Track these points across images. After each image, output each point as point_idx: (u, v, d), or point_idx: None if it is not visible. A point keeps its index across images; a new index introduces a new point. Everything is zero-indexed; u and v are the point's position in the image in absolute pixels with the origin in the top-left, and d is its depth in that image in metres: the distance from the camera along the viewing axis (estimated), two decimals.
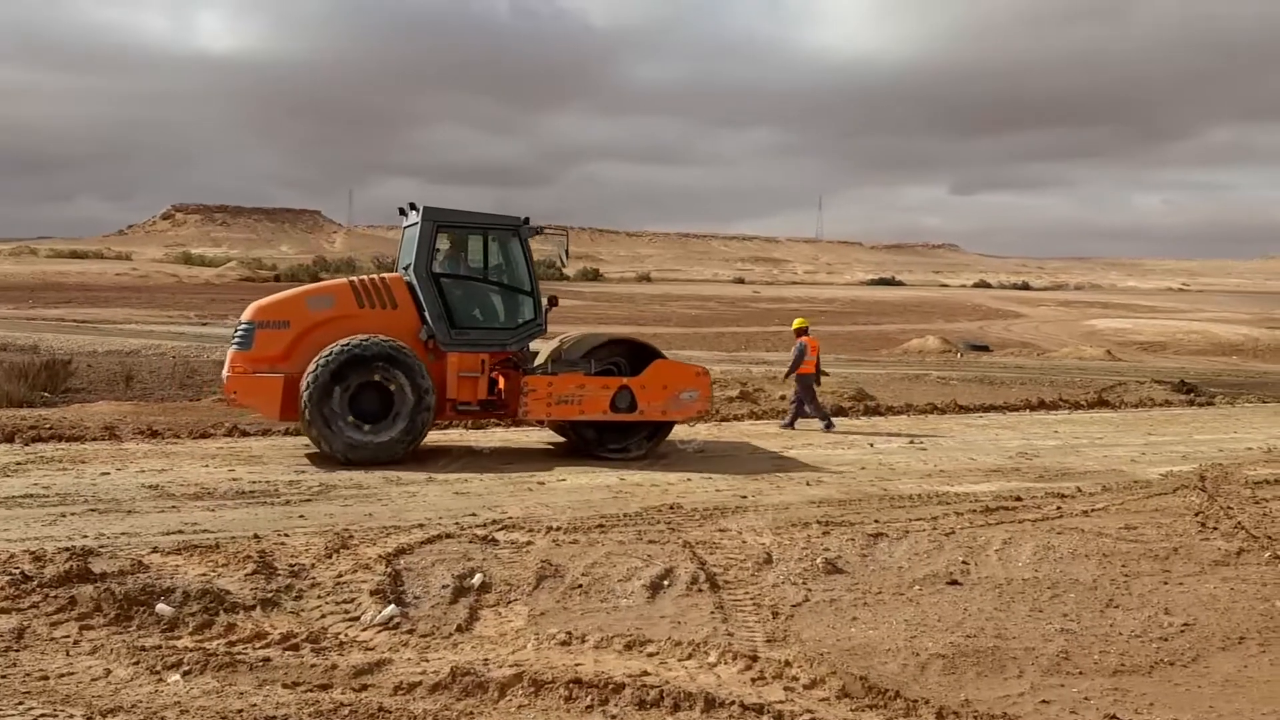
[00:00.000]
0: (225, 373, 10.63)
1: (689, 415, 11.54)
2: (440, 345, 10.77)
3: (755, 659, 5.22)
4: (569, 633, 5.56)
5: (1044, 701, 5.03)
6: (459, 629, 5.68)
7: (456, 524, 7.70)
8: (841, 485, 9.88)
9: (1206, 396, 19.03)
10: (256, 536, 7.21)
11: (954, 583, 6.81)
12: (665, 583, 6.51)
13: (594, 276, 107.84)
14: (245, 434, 11.88)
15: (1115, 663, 5.56)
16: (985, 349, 30.85)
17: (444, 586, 6.30)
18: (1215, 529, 8.29)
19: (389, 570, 6.47)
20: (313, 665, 5.04)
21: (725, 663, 5.17)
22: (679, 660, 5.22)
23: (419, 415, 10.31)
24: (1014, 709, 4.92)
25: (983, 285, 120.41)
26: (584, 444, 11.14)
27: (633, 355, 11.45)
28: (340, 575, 6.42)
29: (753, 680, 4.99)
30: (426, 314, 10.76)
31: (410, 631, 5.59)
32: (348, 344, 10.14)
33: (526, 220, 11.25)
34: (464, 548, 7.05)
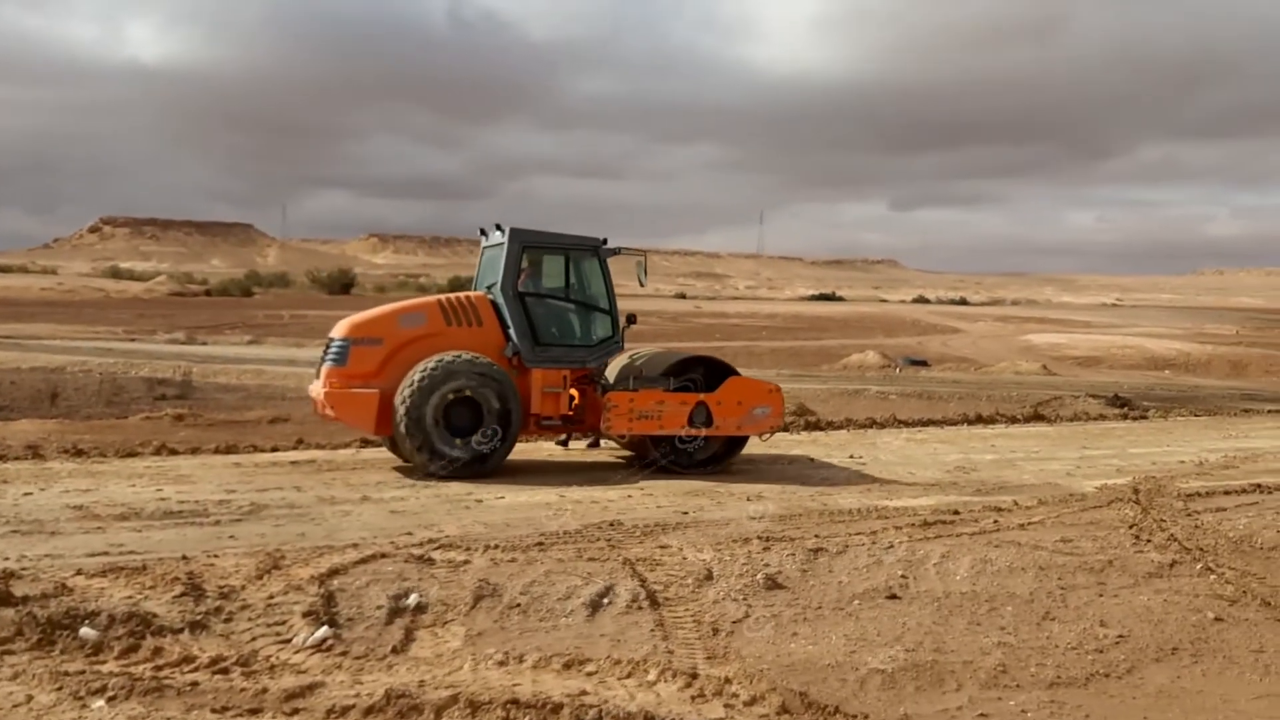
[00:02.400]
0: (320, 388, 10.86)
1: (761, 430, 11.74)
2: (525, 362, 11.14)
3: (695, 676, 5.18)
4: (507, 653, 5.48)
5: (982, 715, 5.04)
6: (394, 650, 5.58)
7: (392, 543, 7.57)
8: (782, 500, 9.88)
9: (1140, 410, 19.34)
10: (185, 558, 7.02)
11: (893, 597, 6.82)
12: (605, 601, 6.45)
13: None
14: (174, 453, 11.62)
15: (1052, 675, 5.60)
16: (924, 364, 31.16)
17: (378, 607, 6.19)
18: (1149, 541, 8.40)
19: (322, 591, 6.34)
20: (242, 689, 4.92)
21: (665, 681, 5.12)
22: (618, 679, 5.16)
23: (508, 431, 10.74)
24: None
25: (922, 301, 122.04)
26: (655, 457, 11.33)
27: (709, 372, 11.74)
28: (271, 597, 6.27)
29: (692, 698, 4.95)
30: (512, 331, 11.16)
31: (344, 653, 5.48)
32: (443, 360, 10.54)
33: (605, 241, 11.73)
34: (399, 567, 6.92)
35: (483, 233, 12.05)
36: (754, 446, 12.94)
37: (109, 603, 5.97)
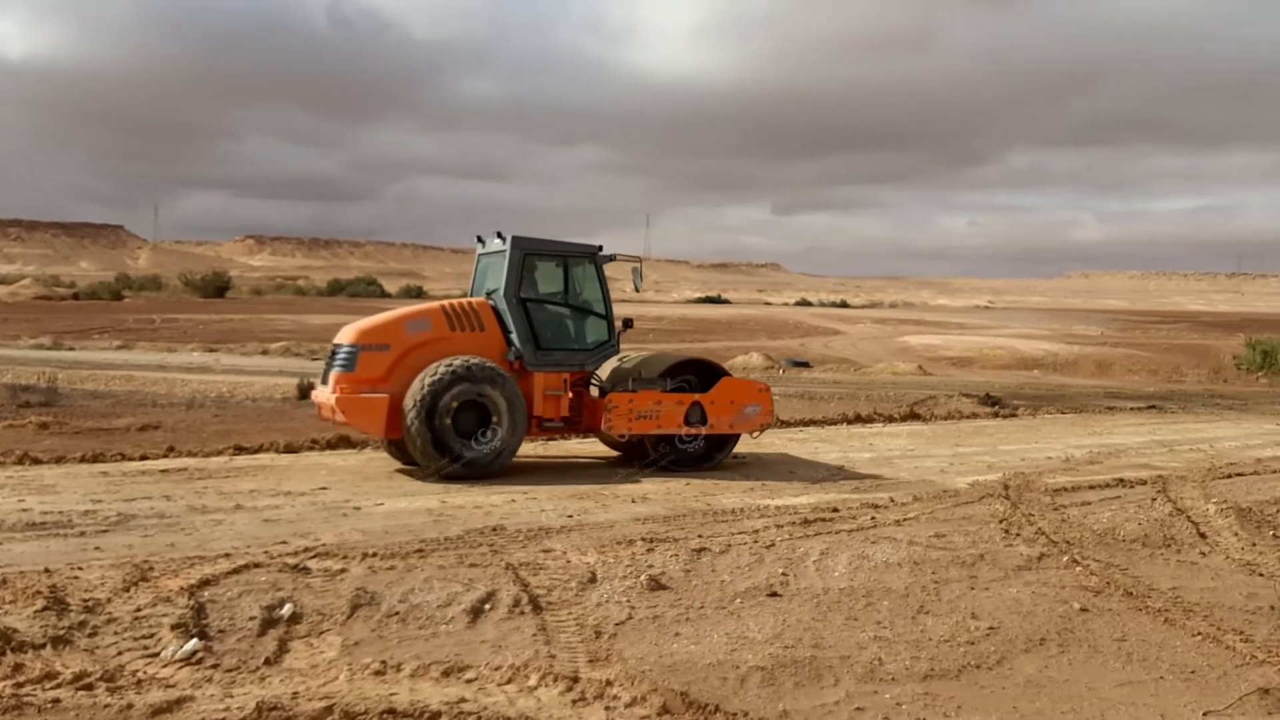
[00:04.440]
0: (329, 393, 11.01)
1: (753, 428, 12.30)
2: (526, 366, 11.53)
3: (577, 680, 5.15)
4: (384, 662, 5.38)
5: (859, 709, 5.12)
6: (267, 662, 5.43)
7: (265, 552, 7.36)
8: (667, 501, 9.93)
9: (1010, 409, 19.96)
10: (47, 570, 6.72)
11: (774, 594, 6.90)
12: (487, 607, 6.38)
13: (417, 294, 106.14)
14: (37, 462, 11.12)
15: (926, 668, 5.72)
16: (806, 365, 31.68)
17: (251, 618, 6.01)
18: (1018, 535, 8.66)
19: (192, 603, 6.13)
20: (107, 705, 4.74)
21: (546, 685, 5.08)
22: (499, 685, 5.10)
23: (514, 433, 11.08)
24: (830, 718, 5.00)
25: (804, 303, 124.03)
26: (649, 456, 11.79)
27: (702, 373, 12.29)
28: (139, 609, 6.04)
29: (574, 702, 4.92)
30: (514, 336, 11.54)
31: (214, 666, 5.31)
32: (451, 364, 10.83)
33: (600, 248, 12.15)
34: (273, 577, 6.73)
35: (480, 240, 12.43)
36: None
37: None
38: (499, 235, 11.98)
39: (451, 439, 10.77)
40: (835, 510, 9.48)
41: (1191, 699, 5.45)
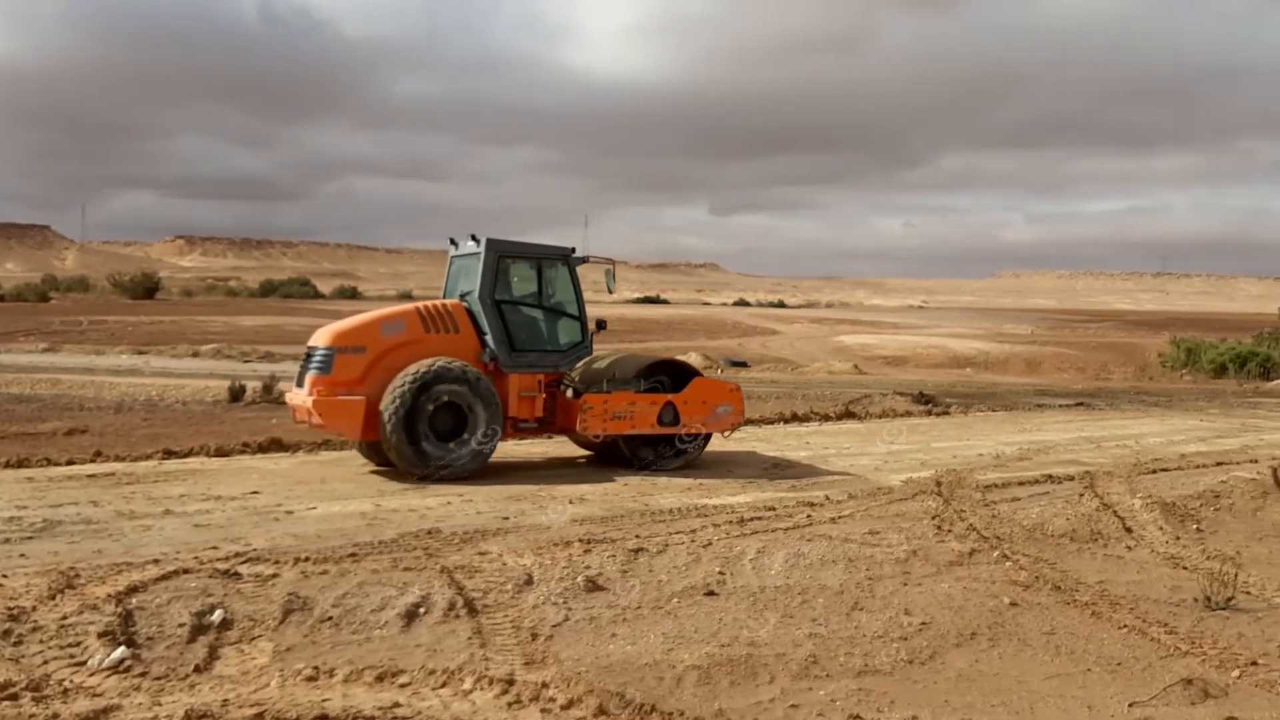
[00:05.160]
0: (304, 396, 11.00)
1: (724, 427, 12.46)
2: (501, 367, 11.60)
3: (512, 682, 5.13)
4: (316, 667, 5.31)
5: (793, 706, 5.17)
6: (196, 669, 5.35)
7: (195, 558, 7.22)
8: (604, 502, 9.91)
9: (943, 407, 20.24)
10: None
11: (711, 594, 6.93)
12: (421, 610, 6.33)
13: (351, 295, 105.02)
14: None
15: (860, 664, 5.79)
16: (744, 365, 31.87)
17: (180, 625, 5.91)
18: (950, 531, 8.79)
19: (120, 610, 6.01)
20: (32, 715, 4.65)
21: (481, 688, 5.06)
22: (433, 689, 5.07)
23: (491, 434, 11.13)
24: (765, 715, 5.04)
25: (742, 303, 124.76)
26: (625, 456, 11.92)
27: (674, 374, 12.40)
28: (65, 617, 5.90)
29: (509, 704, 4.90)
30: (489, 338, 11.59)
31: (143, 674, 5.22)
32: (431, 366, 10.85)
33: (573, 250, 12.30)
34: (203, 583, 6.61)
35: (453, 243, 12.46)
36: (562, 449, 12.98)
37: None
38: (473, 238, 12.01)
39: (428, 441, 10.79)
40: (772, 509, 9.54)
41: (1117, 690, 5.58)
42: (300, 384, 11.31)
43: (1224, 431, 17.22)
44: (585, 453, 13.04)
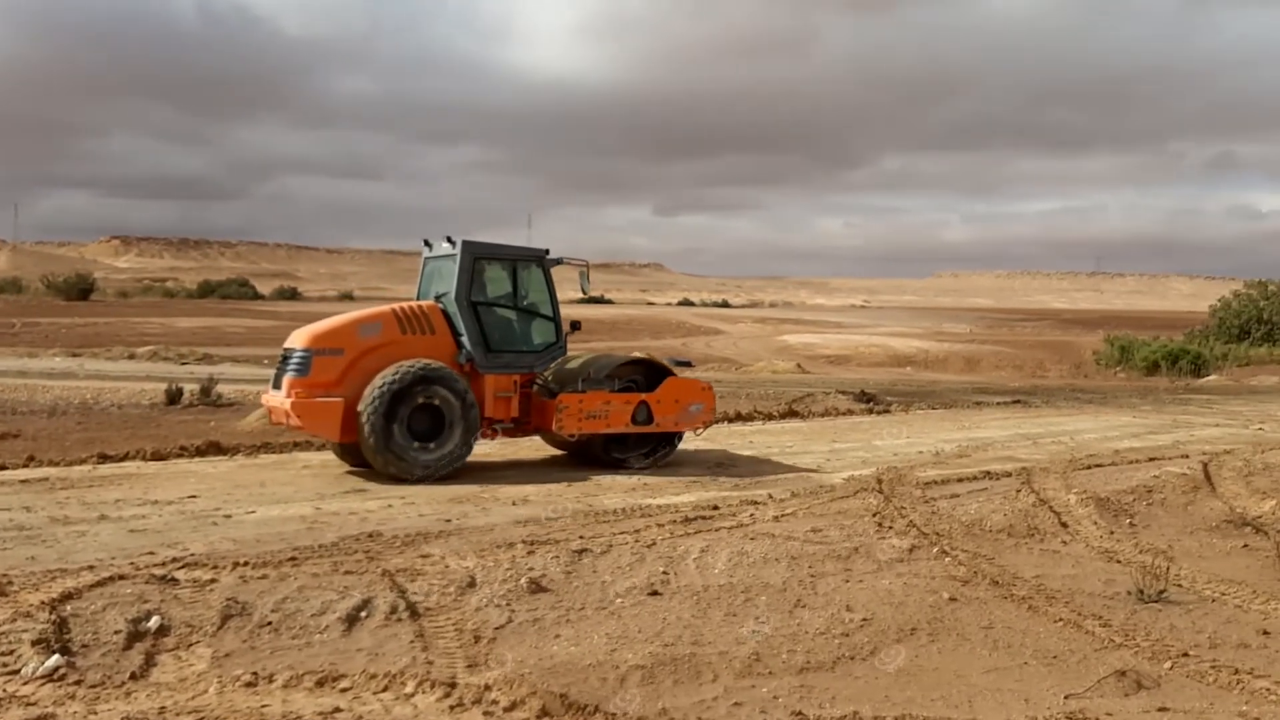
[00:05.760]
0: (281, 398, 11.00)
1: (696, 425, 12.66)
2: (477, 368, 11.67)
3: (454, 686, 5.11)
4: (256, 673, 5.25)
5: (736, 704, 5.20)
6: (133, 676, 5.27)
7: (131, 564, 7.09)
8: (548, 503, 9.88)
9: (884, 405, 20.46)
10: None
11: (654, 593, 6.95)
12: (363, 614, 6.27)
13: (291, 295, 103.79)
14: None
15: (802, 661, 5.84)
16: (688, 364, 31.95)
17: (116, 632, 5.81)
18: (891, 528, 8.89)
19: (54, 617, 5.89)
20: None
21: (423, 692, 5.03)
22: (374, 693, 5.03)
23: (468, 434, 11.22)
24: (709, 713, 5.06)
25: (686, 303, 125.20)
26: (599, 455, 12.12)
27: (647, 373, 12.62)
28: None
29: (451, 708, 4.88)
30: (465, 339, 11.65)
31: (78, 683, 5.13)
32: (410, 367, 10.92)
33: (547, 251, 12.39)
34: (140, 589, 6.50)
35: (427, 244, 12.54)
36: (520, 450, 12.94)
37: None
38: (448, 240, 12.07)
39: (406, 442, 10.86)
40: (715, 508, 9.57)
41: (1054, 683, 5.68)
42: (277, 386, 11.29)
43: (1156, 428, 17.59)
44: (557, 452, 13.09)
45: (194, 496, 9.80)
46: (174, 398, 17.36)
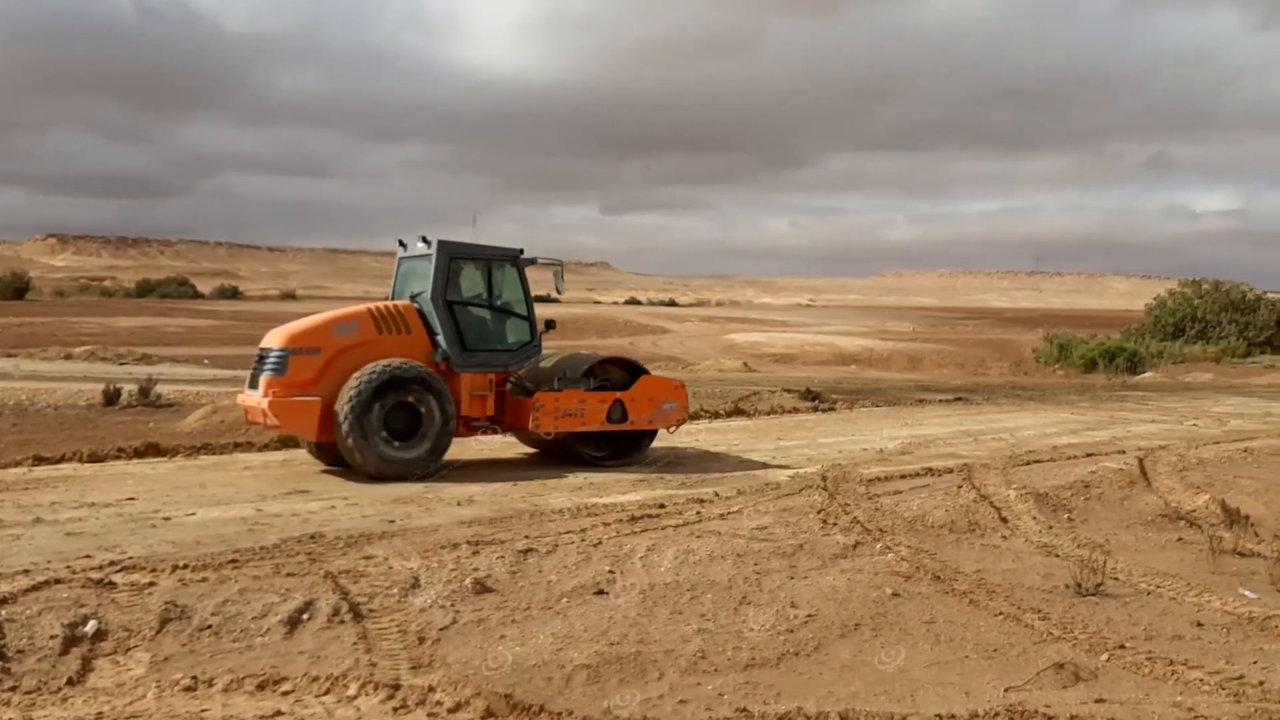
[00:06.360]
0: (259, 397, 11.02)
1: (669, 423, 12.78)
2: (453, 367, 11.71)
3: (398, 687, 5.08)
4: (195, 677, 5.18)
5: (682, 701, 5.21)
6: (69, 682, 5.19)
7: (68, 568, 6.94)
8: (493, 503, 9.84)
9: (829, 403, 20.61)
10: None
11: (601, 592, 6.95)
12: (305, 616, 6.20)
13: (232, 294, 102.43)
14: None
15: (747, 657, 5.87)
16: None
17: (52, 637, 5.70)
18: (835, 525, 8.96)
19: None
20: None
21: (366, 694, 4.99)
22: (316, 696, 4.98)
23: (445, 433, 11.27)
24: (654, 711, 5.07)
25: (633, 302, 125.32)
26: (574, 453, 12.21)
27: (623, 371, 12.74)
28: None
29: (395, 709, 4.85)
30: (441, 338, 11.71)
31: (13, 688, 5.05)
32: (387, 366, 10.98)
33: (521, 251, 12.52)
34: (76, 593, 6.37)
35: (402, 244, 12.54)
36: (468, 450, 12.87)
37: None
38: (423, 240, 12.12)
39: (383, 441, 10.91)
40: (662, 506, 9.59)
41: (994, 676, 5.76)
42: (254, 385, 11.32)
43: (1094, 424, 17.90)
44: (530, 450, 13.21)
45: (132, 499, 9.63)
46: (112, 398, 17.04)
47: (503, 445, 13.58)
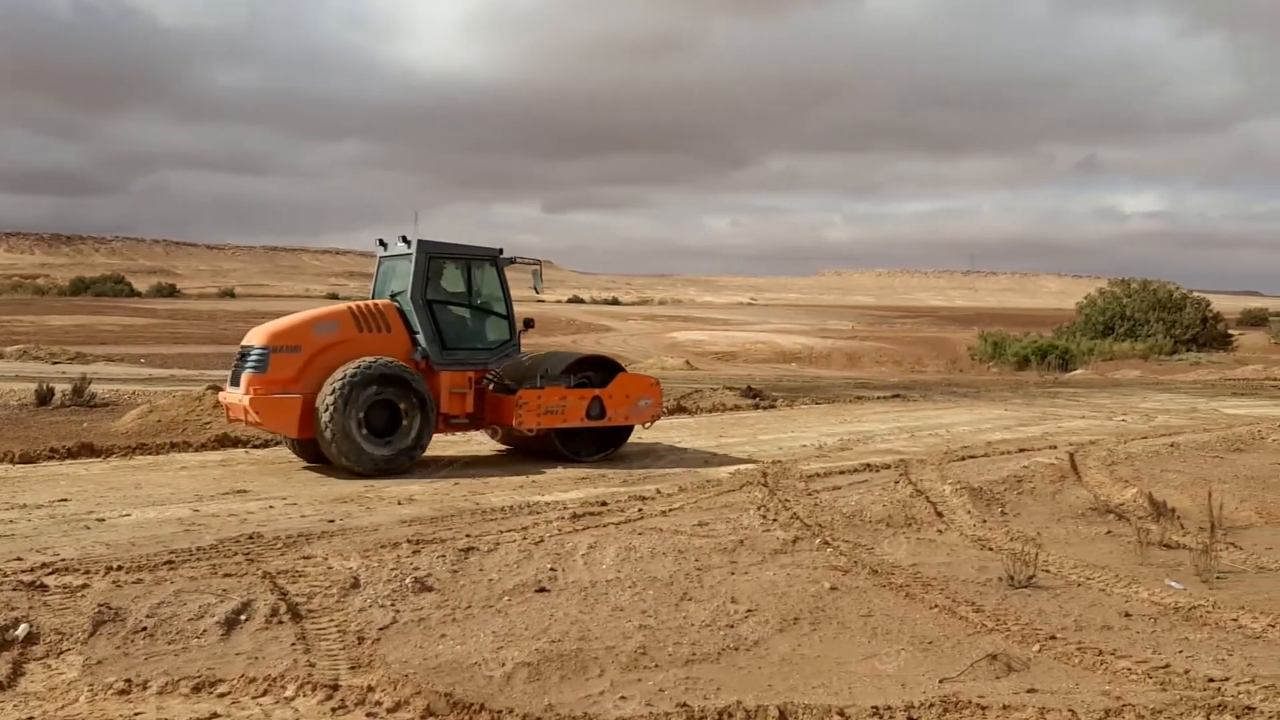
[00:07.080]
0: (241, 394, 11.12)
1: (644, 419, 13.01)
2: (433, 365, 11.84)
3: (337, 688, 5.05)
4: (129, 680, 5.11)
5: (622, 698, 5.25)
6: (0, 686, 5.06)
7: None
8: (434, 502, 9.80)
9: (769, 400, 20.76)
10: None
11: (542, 590, 6.96)
12: (242, 617, 6.14)
13: (170, 293, 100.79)
14: None
15: (688, 653, 5.92)
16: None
17: None
18: (775, 520, 9.05)
19: None
20: None
21: (304, 695, 4.96)
22: (254, 698, 4.95)
23: (425, 430, 11.41)
24: (594, 708, 5.10)
25: (576, 300, 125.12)
26: (553, 450, 12.41)
27: (600, 369, 12.95)
28: None
29: (333, 710, 4.83)
30: (420, 336, 11.84)
31: None
32: (368, 364, 11.11)
33: (501, 251, 12.65)
34: (7, 596, 6.24)
35: (381, 244, 12.65)
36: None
37: None
38: (403, 239, 12.23)
39: (364, 438, 11.03)
40: (604, 504, 9.62)
41: (929, 668, 5.87)
42: (235, 383, 11.42)
43: (1027, 420, 18.22)
44: (504, 447, 13.37)
45: (65, 500, 9.45)
46: (44, 398, 16.69)
47: (481, 442, 13.57)
